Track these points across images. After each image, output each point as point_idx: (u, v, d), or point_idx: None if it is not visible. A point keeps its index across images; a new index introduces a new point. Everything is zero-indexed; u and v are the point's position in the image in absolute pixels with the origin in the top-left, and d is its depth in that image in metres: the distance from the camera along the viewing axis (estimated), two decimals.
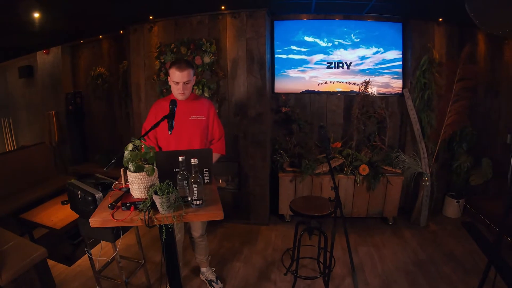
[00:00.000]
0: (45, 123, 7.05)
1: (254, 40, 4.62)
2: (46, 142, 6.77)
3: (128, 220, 2.15)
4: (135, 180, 2.25)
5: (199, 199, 2.24)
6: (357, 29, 5.03)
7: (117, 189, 2.64)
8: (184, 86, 3.01)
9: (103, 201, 2.49)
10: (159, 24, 4.93)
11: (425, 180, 4.90)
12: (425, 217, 4.98)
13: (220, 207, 2.29)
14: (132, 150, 2.26)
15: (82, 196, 2.95)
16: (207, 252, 3.78)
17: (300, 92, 5.31)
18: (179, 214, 2.16)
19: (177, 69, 2.94)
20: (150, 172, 2.24)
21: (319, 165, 4.87)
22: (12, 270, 3.11)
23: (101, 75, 6.70)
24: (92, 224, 2.16)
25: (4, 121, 8.19)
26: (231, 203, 5.20)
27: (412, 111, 4.91)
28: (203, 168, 2.60)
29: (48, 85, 7.09)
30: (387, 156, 5.02)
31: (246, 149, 4.94)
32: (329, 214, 3.23)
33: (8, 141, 8.26)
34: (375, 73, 5.12)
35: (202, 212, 2.24)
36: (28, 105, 7.84)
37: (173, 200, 2.14)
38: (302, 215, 3.29)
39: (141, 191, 2.26)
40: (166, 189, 2.13)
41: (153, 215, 2.15)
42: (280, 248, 4.48)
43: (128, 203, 2.23)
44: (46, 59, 6.98)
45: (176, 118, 2.92)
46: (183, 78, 2.96)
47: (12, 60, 7.51)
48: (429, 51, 4.87)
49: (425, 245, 4.48)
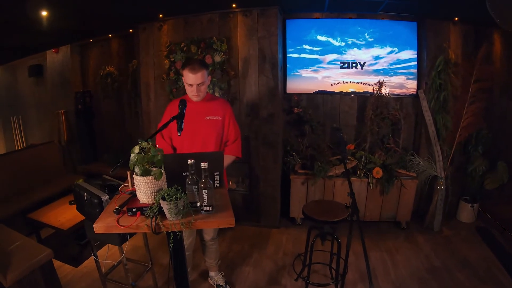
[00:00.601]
0: (54, 122, 7.00)
1: (265, 39, 4.49)
2: (55, 141, 6.71)
3: (134, 227, 2.03)
4: (142, 185, 2.12)
5: (209, 205, 2.09)
6: (371, 28, 4.88)
7: (124, 192, 2.49)
8: (198, 88, 2.88)
9: (109, 205, 2.36)
10: (168, 23, 4.84)
11: (439, 184, 4.75)
12: (439, 222, 4.82)
13: (231, 213, 2.14)
14: (139, 153, 2.15)
15: (88, 198, 2.86)
16: (217, 256, 3.66)
17: (313, 93, 5.17)
18: (188, 221, 2.01)
19: (190, 71, 2.81)
20: (158, 176, 2.09)
21: (331, 167, 4.74)
22: (17, 271, 3.04)
23: (110, 74, 6.64)
24: (97, 230, 2.05)
25: (13, 119, 8.18)
26: (241, 205, 5.08)
27: (427, 112, 4.75)
28: (214, 171, 2.45)
29: (58, 84, 7.03)
30: (401, 159, 4.86)
31: (257, 150, 4.81)
32: (343, 219, 3.10)
33: (18, 140, 8.25)
34: (389, 73, 4.96)
35: (212, 219, 2.09)
36: (37, 104, 7.79)
37: (182, 206, 2.00)
38: (316, 220, 3.16)
39: (148, 196, 2.13)
40: (175, 194, 1.98)
41: (161, 221, 2.02)
42: (291, 252, 4.35)
43: (134, 208, 2.10)
44: (56, 58, 6.92)
45: (191, 118, 2.88)
46: (197, 80, 2.83)
47: (21, 59, 7.46)
48: (444, 51, 4.70)
49: (439, 251, 4.33)
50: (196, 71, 2.80)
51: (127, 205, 2.16)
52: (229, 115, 3.14)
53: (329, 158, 4.91)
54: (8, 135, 8.40)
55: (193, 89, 2.88)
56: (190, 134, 2.97)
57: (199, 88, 2.88)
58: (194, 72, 2.80)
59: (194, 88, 2.87)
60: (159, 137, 3.09)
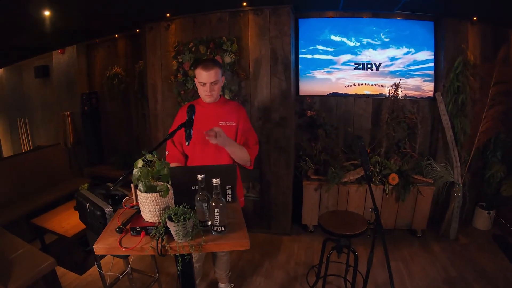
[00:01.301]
0: (60, 124, 6.90)
1: (278, 38, 4.28)
2: (60, 143, 6.62)
3: (138, 249, 1.83)
4: (146, 202, 1.91)
5: (221, 225, 1.88)
6: (386, 28, 4.66)
7: (128, 206, 2.28)
8: (212, 87, 2.67)
9: (111, 221, 2.15)
10: (176, 22, 4.64)
11: (457, 191, 4.51)
12: (455, 230, 4.59)
13: (245, 234, 1.95)
14: (143, 167, 1.97)
15: (91, 210, 2.67)
16: (228, 267, 3.50)
17: (326, 95, 4.97)
18: (198, 243, 1.81)
19: (203, 69, 2.61)
20: (164, 194, 1.89)
21: (346, 173, 4.51)
22: (19, 281, 2.92)
23: (117, 75, 6.50)
24: (97, 251, 1.86)
25: (20, 121, 8.13)
26: (252, 211, 4.88)
27: (445, 116, 4.51)
28: (226, 185, 2.25)
29: (64, 85, 6.96)
30: (418, 165, 4.63)
31: (268, 154, 4.61)
32: (362, 233, 2.90)
33: (24, 141, 8.22)
34: (405, 75, 4.74)
35: (224, 241, 1.88)
36: (44, 105, 7.78)
37: (191, 227, 1.81)
38: (333, 233, 2.95)
39: (153, 215, 1.93)
40: (183, 214, 1.79)
41: (167, 243, 1.82)
42: (303, 261, 4.17)
43: (138, 228, 1.90)
44: (62, 59, 6.84)
45: (203, 124, 2.70)
46: (210, 78, 2.62)
47: (27, 60, 7.39)
48: (463, 52, 4.46)
49: (455, 260, 4.12)
50: (210, 69, 2.61)
51: (131, 224, 1.97)
52: (243, 119, 2.90)
53: (343, 164, 4.68)
54: (15, 137, 8.36)
55: (206, 88, 2.66)
56: (202, 141, 2.73)
57: (213, 87, 2.68)
58: (208, 70, 2.60)
59: (207, 87, 2.66)
60: (170, 144, 2.89)
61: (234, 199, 2.31)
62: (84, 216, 2.87)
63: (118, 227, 1.92)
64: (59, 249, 4.50)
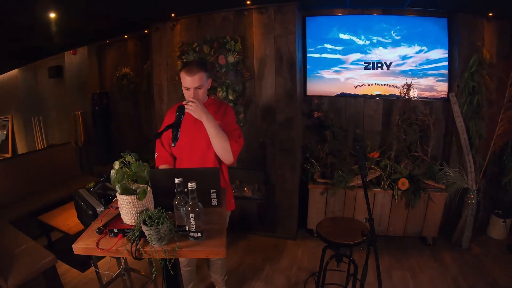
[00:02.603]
0: (71, 123, 6.95)
1: (283, 37, 4.14)
2: (71, 142, 6.64)
3: (114, 251, 1.80)
4: (124, 204, 1.88)
5: (197, 231, 1.80)
6: (397, 25, 4.44)
7: (113, 207, 2.25)
8: (196, 92, 2.55)
9: (94, 222, 2.10)
10: (181, 22, 4.58)
11: (470, 197, 4.27)
12: (468, 238, 4.34)
13: (223, 242, 1.83)
14: (121, 168, 1.91)
15: (84, 209, 2.72)
16: (223, 271, 3.39)
17: (335, 95, 4.78)
18: (172, 249, 1.75)
19: (186, 73, 2.51)
20: (141, 197, 1.83)
21: (353, 177, 4.32)
22: (19, 275, 3.01)
23: (126, 76, 6.49)
24: (76, 251, 1.84)
25: (34, 119, 8.25)
26: (256, 214, 4.76)
27: (459, 118, 4.27)
28: (210, 189, 2.16)
29: (75, 85, 7.04)
30: (429, 169, 4.41)
31: (273, 157, 4.47)
32: (361, 242, 2.72)
33: (38, 139, 8.33)
34: (417, 74, 4.52)
35: (199, 248, 1.79)
36: (57, 104, 7.89)
37: (164, 232, 1.74)
38: (330, 242, 2.80)
39: (131, 217, 1.89)
40: (157, 218, 1.75)
41: (142, 246, 1.77)
42: (306, 267, 4.01)
43: (116, 230, 1.87)
44: (73, 59, 6.94)
45: (189, 125, 2.65)
46: (194, 83, 2.51)
47: (41, 60, 7.50)
48: (478, 50, 4.22)
49: (467, 272, 3.87)
50: (193, 73, 2.50)
51: (110, 225, 1.95)
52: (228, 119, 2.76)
53: (351, 167, 4.48)
54: (29, 135, 8.48)
55: (190, 93, 2.54)
56: (189, 143, 2.68)
57: (197, 92, 2.56)
58: (191, 74, 2.50)
59: (191, 92, 2.54)
60: (159, 145, 2.81)
61: (220, 203, 2.21)
62: (80, 215, 2.92)
63: (98, 228, 1.91)
64: (63, 246, 4.49)
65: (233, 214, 3.05)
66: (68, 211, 4.46)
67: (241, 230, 4.83)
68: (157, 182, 2.06)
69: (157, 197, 2.03)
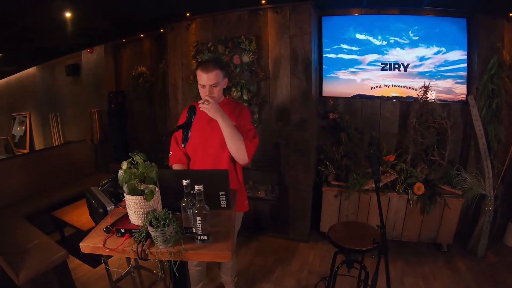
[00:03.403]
0: (88, 120, 7.02)
1: (298, 37, 4.07)
2: (87, 139, 6.69)
3: (120, 250, 1.80)
4: (131, 204, 1.87)
5: (203, 234, 1.77)
6: (415, 25, 4.33)
7: (122, 206, 2.24)
8: (211, 90, 2.52)
9: (103, 221, 2.10)
10: (196, 22, 4.56)
11: (488, 204, 4.14)
12: (484, 246, 4.20)
13: (229, 245, 1.79)
14: (129, 168, 1.89)
15: (95, 207, 2.74)
16: (234, 272, 3.36)
17: (351, 97, 4.69)
18: (177, 251, 1.72)
19: (202, 71, 2.49)
20: (148, 197, 1.83)
21: (368, 180, 4.22)
22: (30, 270, 3.03)
23: (142, 74, 6.50)
24: (83, 249, 1.86)
25: (52, 117, 8.37)
26: (269, 215, 4.71)
27: (478, 122, 4.13)
28: (219, 191, 2.13)
29: (92, 83, 7.13)
30: (446, 174, 4.29)
31: (288, 158, 4.42)
32: (371, 249, 2.64)
33: (55, 136, 8.45)
34: (435, 76, 4.39)
35: (205, 251, 1.76)
36: (74, 102, 8.04)
37: (170, 234, 1.72)
38: (341, 247, 2.74)
39: (138, 217, 1.88)
40: (163, 220, 1.73)
41: (148, 247, 1.76)
42: (317, 271, 3.95)
43: (123, 230, 1.88)
44: (90, 58, 7.03)
45: (204, 125, 2.65)
46: (210, 80, 2.49)
47: (59, 58, 7.62)
48: (498, 52, 4.09)
49: (481, 281, 3.73)
50: (209, 70, 2.48)
51: (117, 225, 1.95)
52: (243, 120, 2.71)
53: (366, 170, 4.38)
54: (47, 132, 8.62)
55: (206, 90, 2.52)
56: (203, 143, 2.65)
57: (212, 90, 2.53)
58: (207, 71, 2.48)
59: (206, 90, 2.52)
60: (173, 144, 2.80)
61: (229, 205, 2.17)
62: (92, 212, 2.96)
63: (106, 227, 1.92)
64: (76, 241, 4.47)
65: (246, 215, 3.00)
66: (82, 208, 4.47)
67: (253, 231, 4.78)
68: (165, 183, 2.03)
69: (165, 198, 2.01)
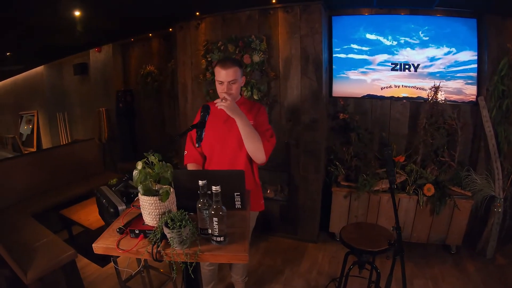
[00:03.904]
0: (96, 119, 7.03)
1: (308, 37, 4.04)
2: (95, 138, 6.71)
3: (134, 252, 1.78)
4: (146, 205, 1.85)
5: (220, 235, 1.75)
6: (425, 25, 4.29)
7: (135, 207, 2.24)
8: (229, 86, 2.52)
9: (115, 221, 2.09)
10: (206, 21, 4.53)
11: (497, 206, 4.09)
12: (493, 248, 4.15)
13: (246, 247, 1.77)
14: (144, 168, 1.87)
15: (106, 206, 2.67)
16: (244, 272, 3.33)
17: (361, 97, 4.66)
18: (194, 252, 1.70)
19: (221, 67, 2.51)
20: (163, 198, 1.81)
21: (378, 181, 4.20)
22: (39, 268, 3.03)
23: (150, 74, 6.51)
24: (96, 250, 1.83)
25: (59, 115, 8.39)
26: (278, 215, 4.68)
27: (488, 123, 4.09)
28: (234, 192, 2.11)
29: (100, 82, 7.15)
30: (456, 175, 4.25)
31: (298, 158, 4.39)
32: (385, 250, 2.63)
33: (63, 135, 8.48)
34: (446, 77, 4.35)
35: (221, 252, 1.74)
36: (82, 101, 8.06)
37: (186, 236, 1.70)
38: (354, 248, 2.71)
39: (152, 218, 1.86)
40: (179, 221, 1.70)
41: (163, 249, 1.74)
42: (326, 272, 3.92)
43: (137, 231, 1.85)
44: (98, 57, 7.04)
45: (221, 124, 2.66)
46: (228, 76, 2.50)
47: (67, 57, 7.66)
48: (508, 53, 4.01)
49: (490, 283, 3.69)
50: (228, 67, 2.49)
51: (131, 225, 1.92)
52: (260, 119, 2.69)
53: (375, 171, 4.37)
54: (54, 130, 8.65)
55: (224, 86, 2.52)
56: (220, 142, 2.64)
57: (230, 86, 2.53)
58: (226, 68, 2.49)
59: (224, 86, 2.52)
60: (189, 143, 2.78)
61: (244, 206, 2.15)
62: (102, 212, 2.89)
63: (119, 228, 1.90)
64: (84, 240, 4.54)
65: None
66: (90, 207, 4.53)
67: (262, 231, 4.75)
68: (180, 183, 2.02)
69: (179, 199, 1.99)
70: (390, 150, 2.57)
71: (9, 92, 9.95)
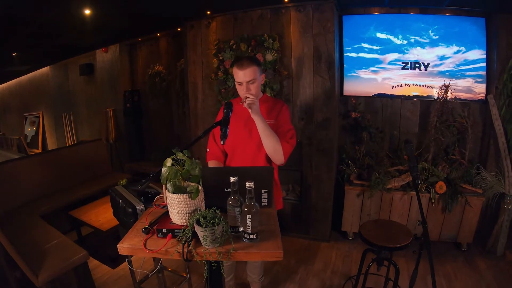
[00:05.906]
0: (103, 120, 6.98)
1: (321, 36, 4.00)
2: (102, 139, 6.65)
3: (163, 252, 1.70)
4: (175, 203, 1.77)
5: (253, 233, 1.69)
6: (435, 24, 4.27)
7: (158, 206, 2.18)
8: (248, 86, 2.45)
9: (139, 221, 2.04)
10: (217, 20, 4.48)
11: (507, 203, 4.04)
12: (503, 245, 4.11)
13: (279, 243, 1.71)
14: (173, 166, 1.81)
15: (123, 206, 2.63)
16: (261, 272, 3.24)
17: (372, 96, 4.63)
18: (227, 251, 1.63)
19: (238, 68, 2.43)
20: (194, 196, 1.73)
21: (390, 179, 4.15)
22: (50, 270, 2.95)
23: (158, 74, 6.44)
24: (121, 251, 1.75)
25: (65, 116, 8.33)
26: (290, 215, 4.63)
27: (498, 121, 4.06)
28: (262, 189, 2.05)
29: (107, 82, 7.07)
30: (467, 173, 4.21)
31: (310, 157, 4.34)
32: (405, 246, 2.60)
33: (69, 136, 8.43)
34: (455, 75, 4.32)
35: (255, 250, 1.68)
36: (88, 101, 7.99)
37: (219, 233, 1.63)
38: (374, 245, 2.67)
39: (181, 217, 1.78)
40: (212, 219, 1.63)
41: (194, 248, 1.67)
42: (340, 271, 3.86)
43: (165, 230, 1.77)
44: (105, 57, 6.97)
45: (243, 122, 2.61)
46: (246, 77, 2.42)
47: (73, 58, 7.60)
48: None
49: (502, 280, 3.64)
50: (245, 67, 2.41)
51: (158, 225, 1.84)
52: (283, 119, 2.64)
53: (388, 169, 4.31)
54: (60, 131, 8.60)
55: (243, 87, 2.45)
56: (243, 140, 2.59)
57: (249, 86, 2.45)
58: (243, 68, 2.41)
59: (244, 86, 2.45)
60: (211, 141, 2.72)
61: (270, 204, 2.10)
62: (117, 212, 2.83)
63: (145, 227, 1.81)
64: (94, 241, 4.55)
65: None
66: (100, 207, 4.50)
67: None
68: (207, 181, 1.96)
69: (206, 197, 1.93)
70: (412, 147, 2.54)
71: (14, 94, 9.90)
